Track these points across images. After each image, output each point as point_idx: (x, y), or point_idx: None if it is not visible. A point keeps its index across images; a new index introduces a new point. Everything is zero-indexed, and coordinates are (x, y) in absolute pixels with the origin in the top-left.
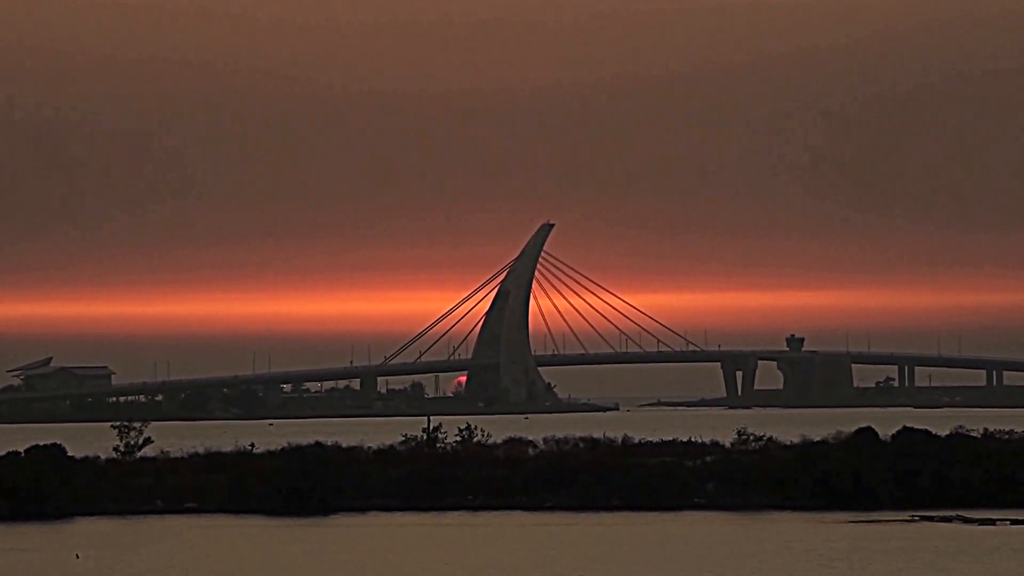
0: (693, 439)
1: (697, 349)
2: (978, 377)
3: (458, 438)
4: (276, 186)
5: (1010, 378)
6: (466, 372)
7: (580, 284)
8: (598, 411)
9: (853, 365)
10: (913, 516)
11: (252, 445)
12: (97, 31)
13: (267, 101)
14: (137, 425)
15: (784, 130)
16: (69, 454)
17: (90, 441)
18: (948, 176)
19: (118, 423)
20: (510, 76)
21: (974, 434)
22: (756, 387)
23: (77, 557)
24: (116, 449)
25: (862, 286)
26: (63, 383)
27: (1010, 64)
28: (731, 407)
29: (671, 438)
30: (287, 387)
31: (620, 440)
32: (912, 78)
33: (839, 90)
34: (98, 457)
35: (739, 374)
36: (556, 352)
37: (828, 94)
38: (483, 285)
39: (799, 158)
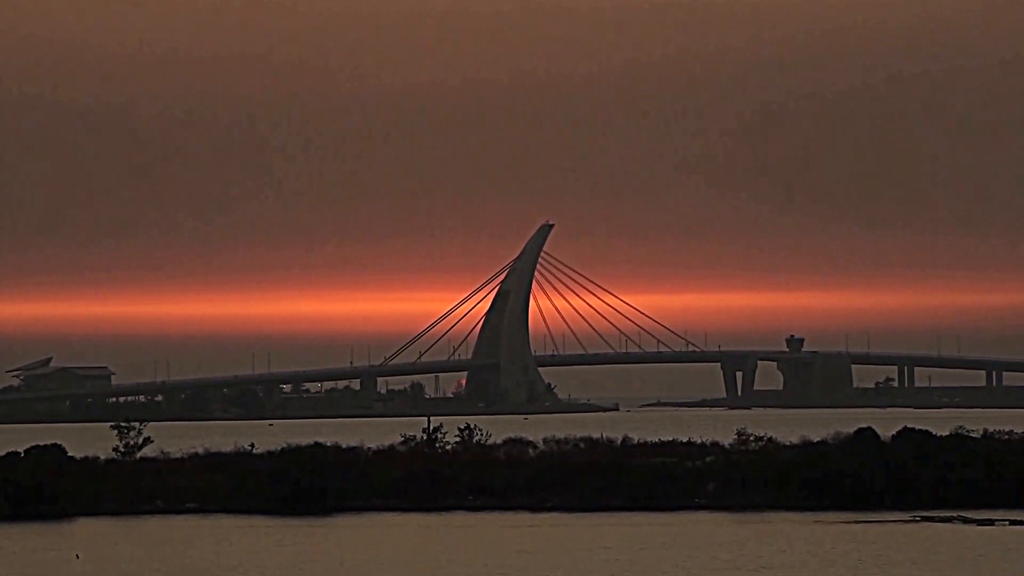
0: (693, 439)
1: (697, 349)
2: (977, 378)
3: (458, 438)
4: (274, 188)
5: (1009, 378)
6: (466, 372)
7: (580, 284)
8: (598, 411)
9: (853, 365)
10: (913, 516)
11: (252, 445)
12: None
13: (267, 101)
14: (137, 425)
15: (783, 130)
16: (69, 454)
17: (90, 441)
18: (948, 178)
19: (118, 423)
20: (510, 74)
21: (974, 434)
22: (756, 387)
23: (77, 557)
24: (116, 449)
25: (862, 286)
26: (63, 383)
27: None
28: (731, 407)
29: (671, 438)
30: (287, 387)
31: (620, 440)
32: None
33: (843, 87)
34: (98, 457)
35: (739, 374)
36: (556, 352)
37: (829, 92)
38: (483, 285)
39: (799, 159)
